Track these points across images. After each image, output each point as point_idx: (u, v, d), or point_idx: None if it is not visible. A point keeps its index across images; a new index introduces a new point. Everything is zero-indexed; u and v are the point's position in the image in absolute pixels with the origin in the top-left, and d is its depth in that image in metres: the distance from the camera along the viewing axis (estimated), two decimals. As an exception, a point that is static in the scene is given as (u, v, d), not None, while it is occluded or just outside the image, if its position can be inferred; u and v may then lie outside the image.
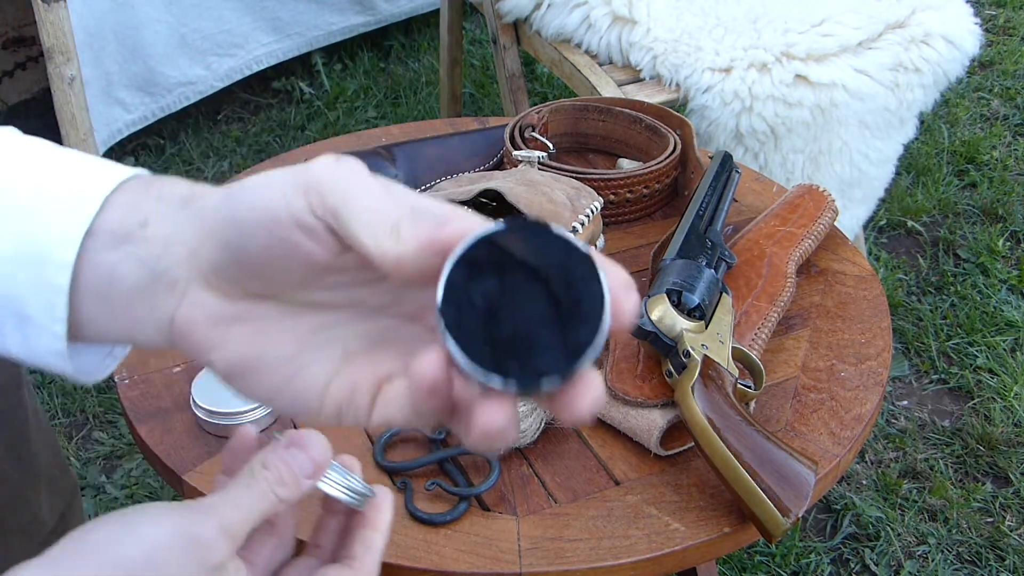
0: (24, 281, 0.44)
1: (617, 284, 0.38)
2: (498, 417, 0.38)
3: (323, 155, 0.41)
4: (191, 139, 2.55)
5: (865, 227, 2.20)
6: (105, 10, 2.13)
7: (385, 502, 0.52)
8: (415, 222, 0.40)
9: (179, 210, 0.44)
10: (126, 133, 2.28)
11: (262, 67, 2.54)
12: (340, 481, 0.50)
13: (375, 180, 0.41)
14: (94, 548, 0.45)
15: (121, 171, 0.46)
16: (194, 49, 2.36)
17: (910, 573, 1.59)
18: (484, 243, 0.37)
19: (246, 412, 0.89)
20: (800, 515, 0.79)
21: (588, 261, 0.37)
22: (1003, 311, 2.07)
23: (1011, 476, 1.74)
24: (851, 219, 1.85)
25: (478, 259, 0.37)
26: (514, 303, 0.37)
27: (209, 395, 0.89)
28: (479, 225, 0.38)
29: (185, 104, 2.40)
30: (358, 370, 0.43)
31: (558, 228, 0.37)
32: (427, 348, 0.39)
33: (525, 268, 0.37)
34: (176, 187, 0.45)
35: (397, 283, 0.42)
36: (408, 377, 0.40)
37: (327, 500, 0.52)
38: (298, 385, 0.44)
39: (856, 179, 1.80)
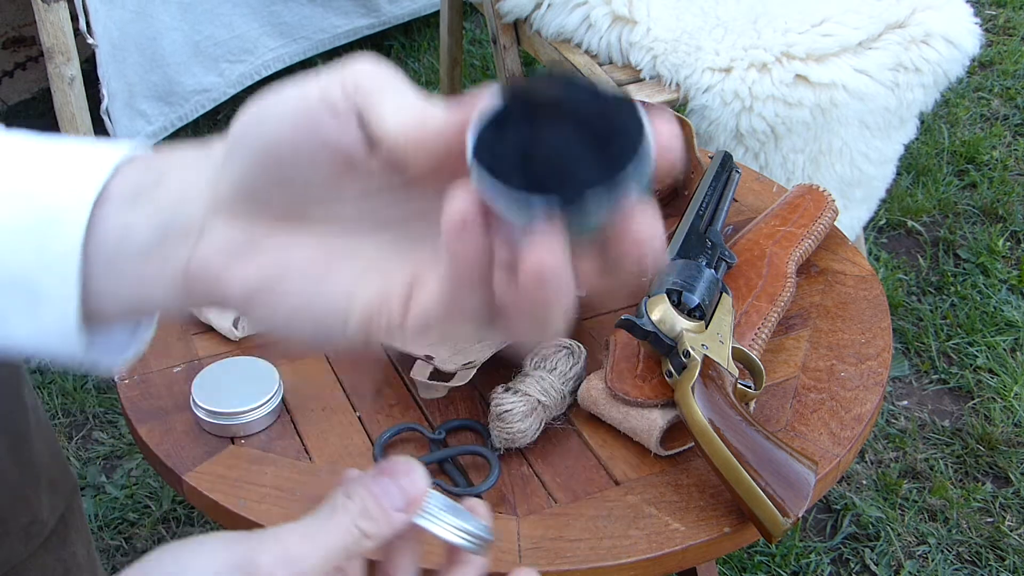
0: (32, 251, 0.42)
1: (650, 117, 0.36)
2: (548, 253, 0.34)
3: (361, 56, 0.40)
4: (192, 139, 2.55)
5: (865, 227, 2.20)
6: (127, 20, 2.13)
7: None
8: (445, 111, 0.38)
9: (196, 160, 0.43)
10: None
11: (270, 72, 2.55)
12: (450, 520, 0.45)
13: (414, 88, 0.40)
14: None
15: (134, 145, 0.45)
16: (208, 56, 2.37)
17: (910, 573, 1.60)
18: (513, 95, 0.36)
19: (246, 412, 0.89)
20: (800, 515, 0.79)
21: (621, 100, 0.35)
22: (1003, 311, 2.07)
23: (1011, 476, 1.74)
24: (851, 219, 1.85)
25: (508, 108, 0.36)
26: (548, 137, 0.35)
27: (209, 395, 0.89)
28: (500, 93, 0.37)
29: (201, 112, 2.40)
30: (386, 275, 0.41)
31: (579, 80, 0.36)
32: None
33: (557, 109, 0.35)
34: (193, 145, 0.44)
35: (417, 172, 0.39)
36: (440, 225, 0.36)
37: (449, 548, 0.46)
38: (323, 297, 0.41)
39: (856, 179, 1.80)
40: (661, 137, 0.35)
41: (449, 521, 0.45)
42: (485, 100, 0.36)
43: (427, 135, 0.38)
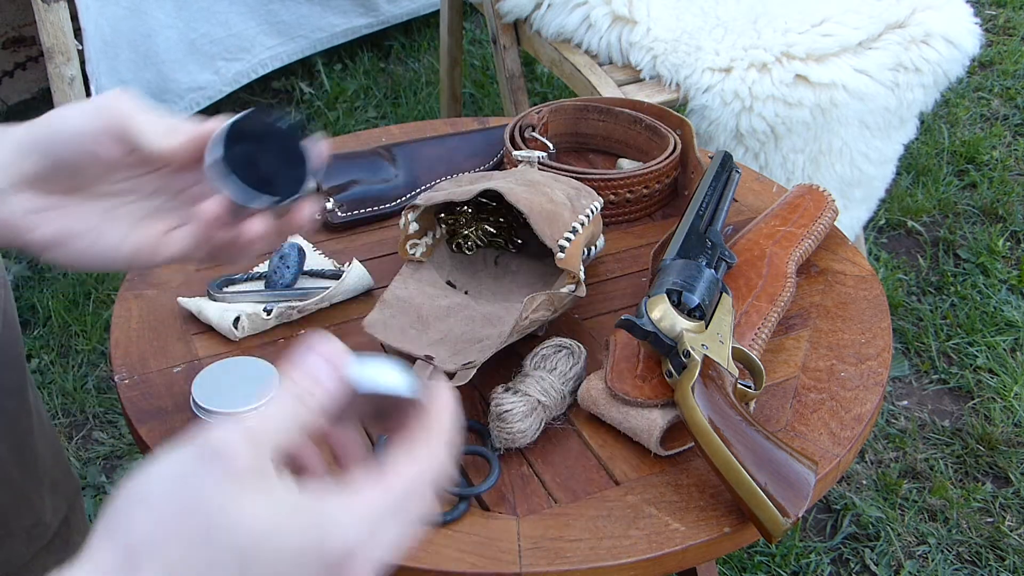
0: None
1: (314, 143, 0.65)
2: (260, 226, 0.64)
3: (115, 89, 0.64)
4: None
5: (865, 227, 2.20)
6: (119, 17, 2.13)
7: (442, 388, 0.52)
8: (185, 126, 0.64)
9: (4, 139, 0.63)
10: None
11: (267, 70, 2.54)
12: (381, 368, 0.49)
13: (154, 108, 0.64)
14: (125, 500, 0.44)
15: None
16: (203, 54, 2.36)
17: (910, 573, 1.60)
18: (238, 124, 0.63)
19: (246, 412, 0.89)
20: (800, 515, 0.79)
21: (300, 133, 0.65)
22: (1003, 311, 2.07)
23: (1011, 476, 1.74)
24: (851, 219, 1.85)
25: (235, 133, 0.63)
26: (262, 156, 0.63)
27: (209, 395, 0.90)
28: (227, 122, 0.63)
29: (196, 110, 2.39)
30: (145, 229, 0.66)
31: (278, 115, 0.66)
32: (207, 199, 0.64)
33: (263, 136, 0.64)
34: (7, 125, 0.64)
35: (175, 168, 0.66)
36: (195, 218, 0.64)
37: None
38: (101, 245, 0.65)
39: (856, 179, 1.80)
40: (318, 159, 0.65)
41: (381, 369, 0.49)
42: (218, 122, 0.63)
43: (177, 144, 0.63)
